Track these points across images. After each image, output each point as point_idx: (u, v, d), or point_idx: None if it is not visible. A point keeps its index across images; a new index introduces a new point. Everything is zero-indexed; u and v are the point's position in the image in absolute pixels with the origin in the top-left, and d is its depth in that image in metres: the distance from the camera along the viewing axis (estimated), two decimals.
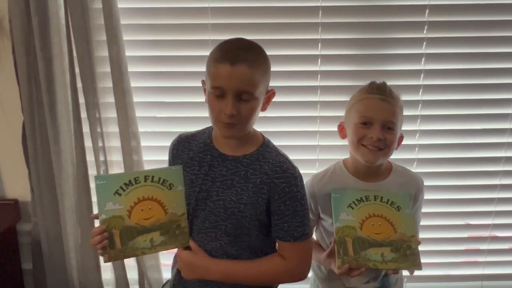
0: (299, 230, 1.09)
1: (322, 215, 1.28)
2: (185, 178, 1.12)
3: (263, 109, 1.10)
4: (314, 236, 1.35)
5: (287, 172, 1.08)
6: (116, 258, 1.07)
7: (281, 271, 1.11)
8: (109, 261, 1.06)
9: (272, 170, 1.08)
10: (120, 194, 1.06)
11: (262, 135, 1.16)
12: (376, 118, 1.17)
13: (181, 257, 1.13)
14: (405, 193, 1.21)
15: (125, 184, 1.07)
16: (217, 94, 1.02)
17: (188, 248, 1.12)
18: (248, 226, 1.09)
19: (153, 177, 1.09)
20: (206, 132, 1.18)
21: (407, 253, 1.14)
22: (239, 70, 0.99)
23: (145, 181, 1.08)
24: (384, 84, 1.22)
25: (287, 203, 1.08)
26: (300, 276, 1.13)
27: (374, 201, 1.18)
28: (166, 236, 1.09)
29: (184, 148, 1.17)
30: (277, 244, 1.16)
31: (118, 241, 1.05)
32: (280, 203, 1.08)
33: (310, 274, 1.36)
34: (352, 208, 1.17)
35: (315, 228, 1.35)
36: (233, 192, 1.08)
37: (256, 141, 1.13)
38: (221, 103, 1.01)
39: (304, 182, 1.14)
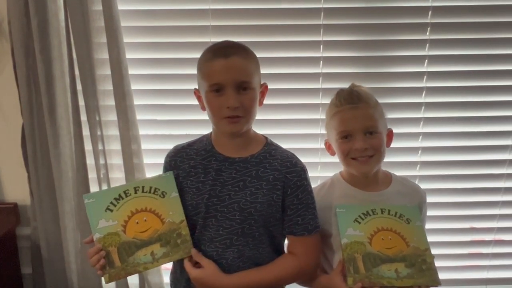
0: (312, 223, 1.09)
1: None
2: (190, 187, 1.10)
3: (260, 103, 1.10)
4: None
5: (296, 166, 1.10)
6: (118, 277, 1.03)
7: (295, 270, 1.10)
8: (110, 281, 1.02)
9: (283, 165, 1.09)
10: (111, 210, 1.04)
11: (263, 135, 1.17)
12: (353, 129, 1.13)
13: (191, 275, 1.08)
14: (413, 205, 1.16)
15: (115, 199, 1.04)
16: (215, 89, 1.01)
17: (195, 261, 1.08)
18: (265, 224, 1.08)
19: (143, 187, 1.06)
20: (204, 139, 1.16)
21: (423, 267, 1.07)
22: (234, 61, 1.00)
23: (136, 192, 1.06)
24: (350, 90, 1.18)
25: (300, 196, 1.08)
26: (311, 272, 1.13)
27: (381, 214, 1.12)
28: (168, 247, 1.05)
29: (183, 158, 1.14)
30: (286, 241, 1.15)
31: (117, 258, 1.02)
32: (293, 197, 1.08)
33: None
34: (359, 223, 1.11)
35: None
36: (247, 193, 1.07)
37: (259, 141, 1.14)
38: (221, 99, 1.01)
39: None
